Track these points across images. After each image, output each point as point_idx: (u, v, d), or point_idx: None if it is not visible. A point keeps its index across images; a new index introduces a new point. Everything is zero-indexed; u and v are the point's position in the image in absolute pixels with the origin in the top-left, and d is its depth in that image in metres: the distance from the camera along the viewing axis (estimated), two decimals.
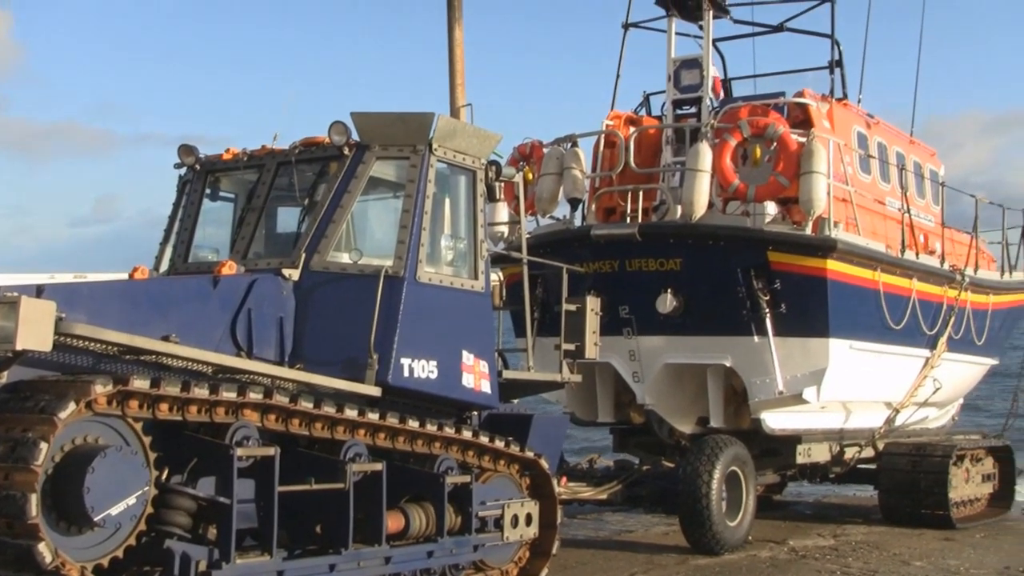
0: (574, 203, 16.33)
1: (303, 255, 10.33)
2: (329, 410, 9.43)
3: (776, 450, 16.31)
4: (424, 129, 10.70)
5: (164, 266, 11.41)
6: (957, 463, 17.37)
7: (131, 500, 7.89)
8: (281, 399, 9.07)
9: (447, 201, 11.27)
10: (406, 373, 10.26)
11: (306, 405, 9.25)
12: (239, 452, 8.67)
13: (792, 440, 16.13)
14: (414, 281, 10.39)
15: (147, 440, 8.17)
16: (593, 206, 16.49)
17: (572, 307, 12.95)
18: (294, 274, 10.25)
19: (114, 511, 7.78)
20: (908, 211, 17.12)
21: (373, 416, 9.85)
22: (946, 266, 18.07)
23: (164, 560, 8.42)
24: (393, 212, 10.82)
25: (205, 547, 8.62)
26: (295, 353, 10.10)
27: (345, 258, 10.46)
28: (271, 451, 8.93)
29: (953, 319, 18.04)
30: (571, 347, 12.85)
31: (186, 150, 11.49)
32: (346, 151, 10.60)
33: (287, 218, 11.31)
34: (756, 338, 14.89)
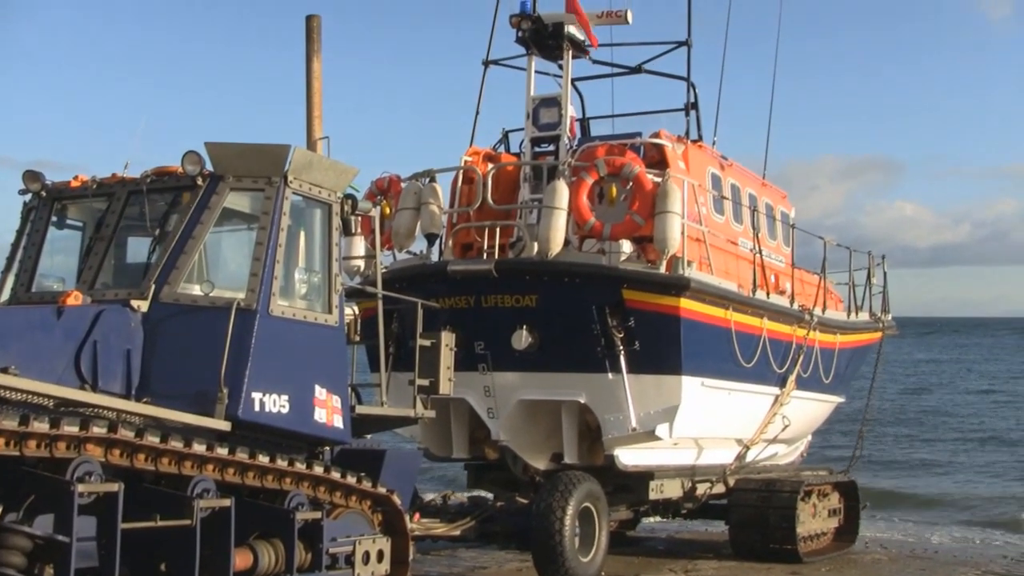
0: (431, 238, 16.45)
1: (153, 286, 10.20)
2: (176, 444, 9.31)
3: (629, 486, 16.56)
4: (279, 161, 10.68)
5: (5, 296, 11.13)
6: (805, 499, 17.85)
7: None
8: (126, 433, 8.92)
9: (302, 234, 11.25)
10: (257, 407, 10.19)
11: (152, 439, 9.12)
12: (80, 488, 8.49)
13: (645, 476, 16.41)
14: (266, 314, 10.34)
15: None
16: (450, 241, 16.65)
17: (427, 342, 13.02)
18: (143, 305, 10.12)
19: None
20: (760, 252, 17.63)
21: (222, 451, 9.75)
22: (796, 306, 18.63)
23: None
24: (247, 244, 10.76)
25: None
26: (143, 386, 9.95)
27: (196, 290, 10.35)
28: (114, 487, 8.77)
29: (802, 358, 18.60)
30: (425, 382, 12.91)
31: (31, 176, 11.26)
32: (199, 181, 10.53)
33: (137, 248, 11.13)
34: (610, 375, 15.15)
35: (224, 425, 9.89)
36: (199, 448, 9.52)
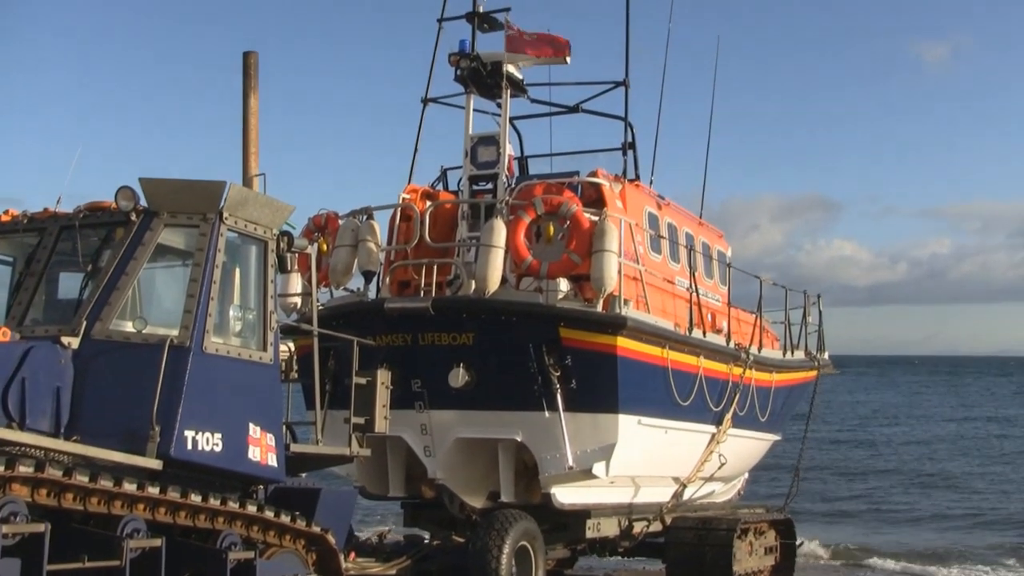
0: (368, 276, 16.44)
1: (84, 323, 10.12)
2: (106, 484, 9.22)
3: (566, 524, 16.57)
4: (215, 197, 10.66)
5: None
6: (741, 536, 17.95)
7: None
8: (54, 472, 8.82)
9: (237, 271, 11.23)
10: (189, 446, 10.12)
11: (81, 479, 9.02)
12: (5, 529, 8.37)
13: (582, 515, 16.43)
14: (200, 352, 10.29)
15: None
16: (387, 279, 16.65)
17: (362, 380, 13.00)
18: (74, 342, 10.03)
19: None
20: (696, 290, 17.78)
21: (153, 490, 9.67)
22: (732, 345, 18.79)
23: None
24: (181, 281, 10.72)
25: None
26: (72, 424, 9.84)
27: (129, 327, 10.28)
28: (40, 527, 8.65)
29: (738, 396, 18.75)
30: (361, 420, 12.88)
31: None
32: (133, 217, 10.48)
33: (69, 284, 11.05)
34: (547, 413, 15.18)
35: (155, 463, 9.80)
36: (129, 487, 9.43)
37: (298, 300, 16.17)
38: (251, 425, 10.83)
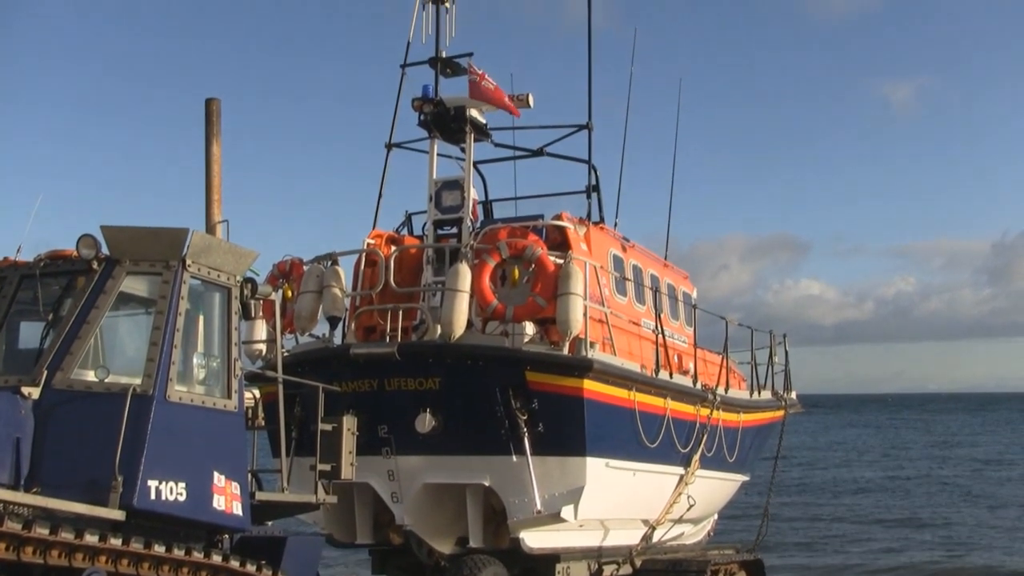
0: (333, 321, 16.38)
1: (45, 372, 10.04)
2: (67, 536, 9.11)
3: (536, 569, 16.47)
4: (177, 245, 10.64)
5: None
6: None
7: None
8: (12, 525, 8.71)
9: (200, 318, 11.19)
10: (153, 495, 10.03)
11: (41, 531, 8.91)
12: None
13: (551, 559, 16.35)
14: (163, 400, 10.23)
15: None
16: (353, 325, 16.62)
17: (328, 427, 12.94)
18: (34, 392, 9.95)
19: None
20: (662, 332, 17.83)
21: (116, 541, 9.56)
22: (699, 386, 18.82)
23: None
24: (143, 329, 10.67)
25: None
26: (33, 475, 9.75)
27: (90, 376, 10.22)
28: None
29: (706, 437, 18.77)
30: (327, 467, 12.81)
31: None
32: (95, 265, 10.44)
33: (29, 334, 10.98)
34: (514, 457, 15.14)
35: (118, 514, 9.71)
36: (91, 539, 9.32)
37: (263, 347, 16.10)
38: (216, 473, 10.76)
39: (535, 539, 15.74)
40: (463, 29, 17.98)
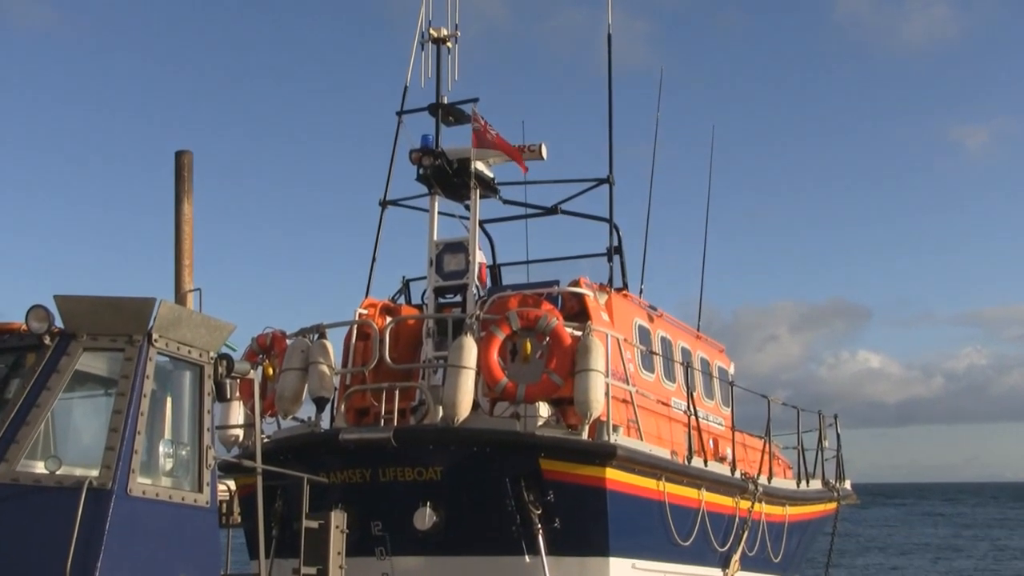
0: (320, 403, 16.33)
1: None
2: None
3: None
4: (142, 316, 10.60)
5: None
6: None
7: None
8: None
9: (168, 400, 11.12)
10: None
11: None
12: None
13: None
14: (124, 495, 10.12)
15: None
16: (342, 406, 16.55)
17: (314, 524, 12.83)
18: None
19: None
20: (695, 413, 17.74)
21: None
22: (738, 474, 18.70)
23: None
24: (102, 413, 10.58)
25: None
26: None
27: (40, 467, 10.12)
28: None
29: (747, 534, 18.61)
30: (312, 571, 12.68)
31: None
32: (47, 340, 10.39)
33: None
34: (527, 558, 15.00)
35: None
36: None
37: (240, 432, 16.06)
38: None
39: None
40: (468, 72, 18.14)
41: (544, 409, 15.51)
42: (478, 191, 17.21)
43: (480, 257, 17.36)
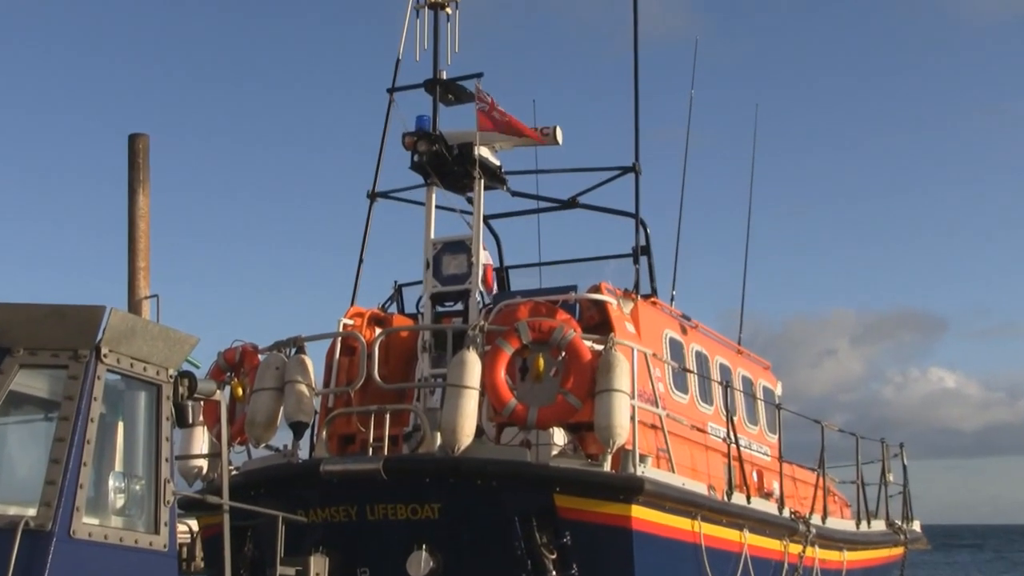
0: (298, 428, 16.28)
1: None
2: None
3: None
4: (90, 328, 10.58)
5: None
6: None
7: None
8: None
9: (120, 426, 11.12)
10: None
11: None
12: None
13: None
14: (67, 538, 10.11)
15: None
16: (324, 433, 16.51)
17: (290, 571, 12.86)
18: None
19: None
20: (736, 441, 17.69)
21: None
22: (786, 513, 18.65)
23: None
24: (42, 441, 10.58)
25: None
26: None
27: None
28: None
29: None
30: None
31: None
32: None
33: None
34: None
35: None
36: None
37: (204, 463, 16.06)
38: None
39: None
40: (470, 42, 18.08)
41: (559, 436, 15.49)
42: (482, 181, 17.17)
43: (485, 258, 17.31)
